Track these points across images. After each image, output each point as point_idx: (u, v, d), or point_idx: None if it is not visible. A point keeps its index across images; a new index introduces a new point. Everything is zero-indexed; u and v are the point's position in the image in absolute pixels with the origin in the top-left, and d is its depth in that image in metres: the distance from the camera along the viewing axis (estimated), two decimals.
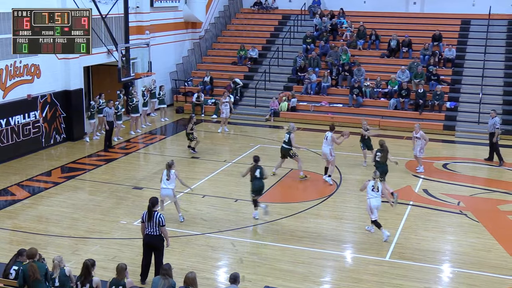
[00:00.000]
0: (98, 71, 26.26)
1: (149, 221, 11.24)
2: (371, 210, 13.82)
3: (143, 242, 11.51)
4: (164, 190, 14.43)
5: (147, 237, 11.35)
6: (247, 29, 32.36)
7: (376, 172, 14.22)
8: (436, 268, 12.60)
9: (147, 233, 11.33)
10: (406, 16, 30.98)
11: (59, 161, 19.91)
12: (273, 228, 14.46)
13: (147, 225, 11.28)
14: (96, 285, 9.58)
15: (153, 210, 11.27)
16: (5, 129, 19.45)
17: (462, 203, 16.27)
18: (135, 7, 25.84)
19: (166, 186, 14.38)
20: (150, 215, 11.24)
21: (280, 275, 12.03)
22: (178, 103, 28.44)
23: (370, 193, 13.79)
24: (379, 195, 13.80)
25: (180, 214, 14.68)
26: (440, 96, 24.96)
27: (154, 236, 11.29)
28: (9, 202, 16.14)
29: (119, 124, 22.37)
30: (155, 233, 11.29)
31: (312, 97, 26.88)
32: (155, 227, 11.25)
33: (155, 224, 11.23)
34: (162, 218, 11.29)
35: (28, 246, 12.11)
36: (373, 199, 13.77)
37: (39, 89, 20.81)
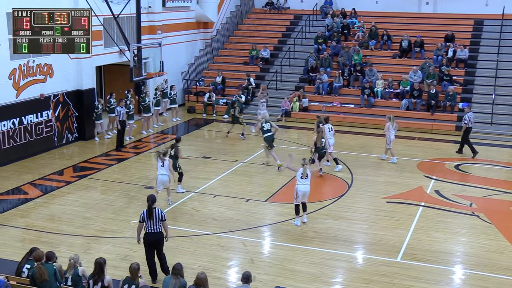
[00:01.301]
0: (110, 71, 26.39)
1: (150, 219, 11.29)
2: (296, 195, 14.44)
3: (144, 241, 11.48)
4: (161, 176, 15.27)
5: (150, 236, 11.37)
6: (259, 29, 32.36)
7: (305, 159, 14.79)
8: (448, 270, 12.53)
9: (149, 231, 11.35)
10: (418, 16, 30.84)
11: (71, 160, 20.02)
12: (284, 228, 14.46)
13: (148, 223, 11.31)
14: (108, 284, 9.63)
15: (152, 207, 11.37)
16: (18, 128, 19.59)
17: (475, 205, 16.18)
18: (147, 7, 25.93)
19: (163, 173, 15.25)
20: (151, 212, 11.30)
21: (291, 275, 12.02)
22: (189, 103, 28.49)
23: (299, 180, 14.46)
24: (307, 182, 14.43)
25: (169, 198, 15.68)
26: (453, 97, 24.84)
27: (157, 233, 11.39)
28: (22, 200, 16.25)
29: (131, 123, 22.47)
30: (158, 230, 11.38)
31: (324, 97, 26.84)
32: (158, 223, 11.34)
33: (158, 220, 11.32)
34: (164, 213, 11.47)
35: (41, 244, 12.23)
36: (301, 186, 14.42)
37: (51, 88, 20.94)
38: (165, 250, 12.98)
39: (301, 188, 14.41)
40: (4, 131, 19.07)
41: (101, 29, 22.42)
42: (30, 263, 10.00)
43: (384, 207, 15.94)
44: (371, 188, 17.47)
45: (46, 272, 9.39)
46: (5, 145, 19.12)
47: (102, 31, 22.69)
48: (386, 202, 16.29)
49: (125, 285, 9.52)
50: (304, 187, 14.43)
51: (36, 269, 9.46)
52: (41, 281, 9.35)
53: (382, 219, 15.10)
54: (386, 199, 16.47)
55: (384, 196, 16.68)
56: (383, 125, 22.74)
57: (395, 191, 17.10)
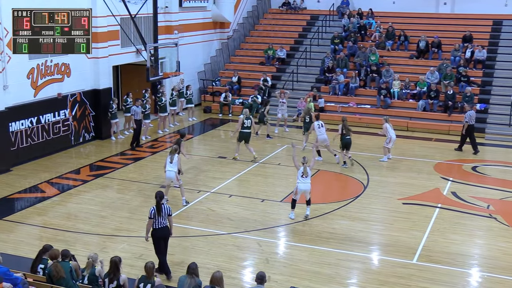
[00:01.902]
0: (126, 71, 26.52)
1: (159, 215, 11.48)
2: (296, 192, 14.66)
3: (154, 238, 11.60)
4: (168, 172, 15.34)
5: (160, 231, 11.58)
6: (275, 29, 32.34)
7: (305, 158, 14.83)
8: (465, 272, 12.44)
9: (158, 227, 11.55)
10: (436, 16, 30.62)
11: (88, 159, 20.14)
12: (300, 229, 14.43)
13: (158, 219, 11.50)
14: (123, 283, 9.67)
15: (161, 203, 11.56)
16: (35, 127, 19.75)
17: (492, 207, 16.03)
18: (164, 7, 26.02)
19: (171, 169, 15.28)
20: (159, 208, 11.49)
21: (306, 276, 11.99)
22: (205, 103, 28.55)
23: (299, 178, 14.61)
24: (308, 180, 14.58)
25: (183, 198, 15.65)
26: (470, 98, 24.62)
27: (165, 228, 11.64)
28: (39, 199, 16.39)
29: (147, 123, 22.57)
30: (165, 225, 11.63)
31: (340, 98, 26.75)
32: (165, 218, 11.57)
33: (165, 215, 11.56)
34: (170, 208, 11.75)
35: (57, 242, 12.33)
36: (301, 184, 14.60)
37: (69, 88, 21.09)
38: (181, 250, 13.07)
39: (302, 186, 14.61)
40: (22, 130, 19.25)
41: (118, 29, 22.58)
42: (44, 263, 10.07)
43: (400, 208, 15.85)
44: (387, 189, 17.38)
45: (62, 270, 9.44)
46: (23, 144, 19.29)
47: (119, 31, 22.83)
48: (402, 203, 16.20)
49: (140, 284, 9.57)
50: (304, 186, 14.63)
51: (52, 267, 9.52)
52: (58, 279, 9.41)
53: (398, 220, 15.02)
54: (402, 200, 16.37)
55: (400, 197, 16.59)
56: (400, 126, 22.72)
57: (411, 193, 16.99)
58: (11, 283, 8.82)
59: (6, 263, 9.42)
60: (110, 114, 22.23)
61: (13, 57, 18.15)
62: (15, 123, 18.96)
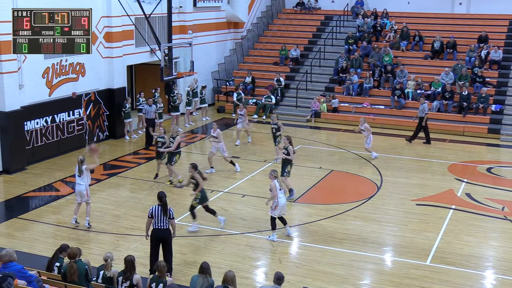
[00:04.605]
0: (141, 70, 26.61)
1: (165, 215, 11.44)
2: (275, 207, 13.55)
3: (151, 237, 11.60)
4: (78, 186, 14.32)
5: (157, 231, 11.52)
6: (289, 30, 32.29)
7: (275, 171, 13.95)
8: (479, 274, 12.35)
9: (157, 227, 11.51)
10: (451, 17, 30.43)
11: (102, 158, 20.18)
12: (313, 229, 14.40)
13: (161, 219, 11.45)
14: (137, 282, 9.69)
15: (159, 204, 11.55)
16: (50, 126, 19.88)
17: (507, 209, 15.90)
18: (178, 7, 26.08)
19: (79, 182, 14.26)
20: (166, 209, 11.47)
21: (319, 276, 11.97)
22: (219, 103, 28.57)
23: (278, 192, 13.60)
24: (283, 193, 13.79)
25: (87, 218, 14.27)
26: (485, 99, 24.45)
27: (164, 230, 11.52)
28: (53, 197, 16.50)
29: (160, 122, 22.63)
30: (165, 227, 11.51)
31: (354, 98, 26.66)
32: (166, 220, 11.48)
33: (167, 217, 11.48)
34: (172, 211, 11.64)
35: (71, 241, 12.39)
36: (282, 198, 13.63)
37: (83, 87, 21.20)
38: (193, 249, 13.08)
39: (282, 201, 13.65)
40: (37, 129, 19.38)
41: (132, 28, 22.67)
42: (60, 261, 10.12)
43: (413, 209, 15.77)
44: (401, 190, 17.30)
45: (76, 273, 9.49)
46: (38, 143, 19.42)
47: (134, 31, 22.92)
48: (416, 204, 16.11)
49: (153, 283, 9.58)
50: (284, 200, 13.78)
51: (68, 267, 9.57)
52: (70, 281, 9.46)
53: (411, 221, 14.95)
54: (416, 202, 16.29)
55: (413, 199, 16.51)
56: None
57: (425, 194, 16.90)
58: (26, 280, 8.88)
59: (20, 261, 9.47)
60: (124, 114, 22.34)
61: (28, 57, 18.27)
62: (30, 122, 19.10)
